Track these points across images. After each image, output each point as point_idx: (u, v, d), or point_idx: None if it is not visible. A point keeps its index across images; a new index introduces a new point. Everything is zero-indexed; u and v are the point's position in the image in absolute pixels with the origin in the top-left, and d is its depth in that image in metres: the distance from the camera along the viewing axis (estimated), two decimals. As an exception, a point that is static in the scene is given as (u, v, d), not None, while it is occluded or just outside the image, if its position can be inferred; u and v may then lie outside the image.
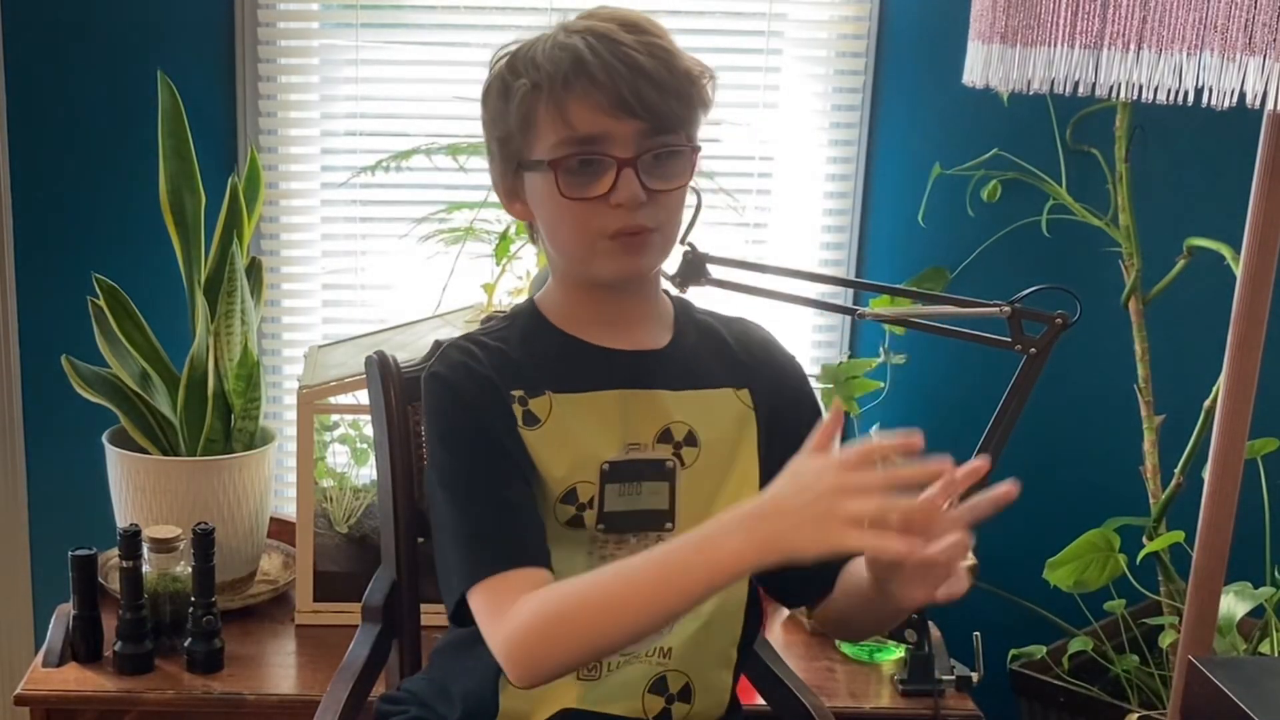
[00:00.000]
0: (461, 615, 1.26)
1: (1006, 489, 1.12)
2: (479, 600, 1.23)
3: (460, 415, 1.31)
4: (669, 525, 1.34)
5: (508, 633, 1.19)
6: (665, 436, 1.34)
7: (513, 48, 1.30)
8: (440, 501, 1.30)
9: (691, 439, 1.35)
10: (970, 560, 1.16)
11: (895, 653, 1.99)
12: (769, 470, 1.35)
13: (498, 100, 1.29)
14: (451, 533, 1.28)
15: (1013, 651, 2.14)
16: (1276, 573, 2.07)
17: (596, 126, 1.24)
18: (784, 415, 1.38)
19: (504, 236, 2.11)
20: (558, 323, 1.37)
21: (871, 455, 1.07)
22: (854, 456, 1.08)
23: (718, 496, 1.35)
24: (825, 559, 1.07)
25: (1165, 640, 2.03)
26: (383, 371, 1.55)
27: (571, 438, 1.32)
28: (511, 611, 1.19)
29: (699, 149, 1.31)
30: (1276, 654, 1.99)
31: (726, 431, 1.36)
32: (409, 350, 1.66)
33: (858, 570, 1.28)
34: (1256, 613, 2.02)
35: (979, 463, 1.13)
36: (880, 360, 2.17)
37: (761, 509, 1.10)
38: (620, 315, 1.36)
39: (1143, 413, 2.15)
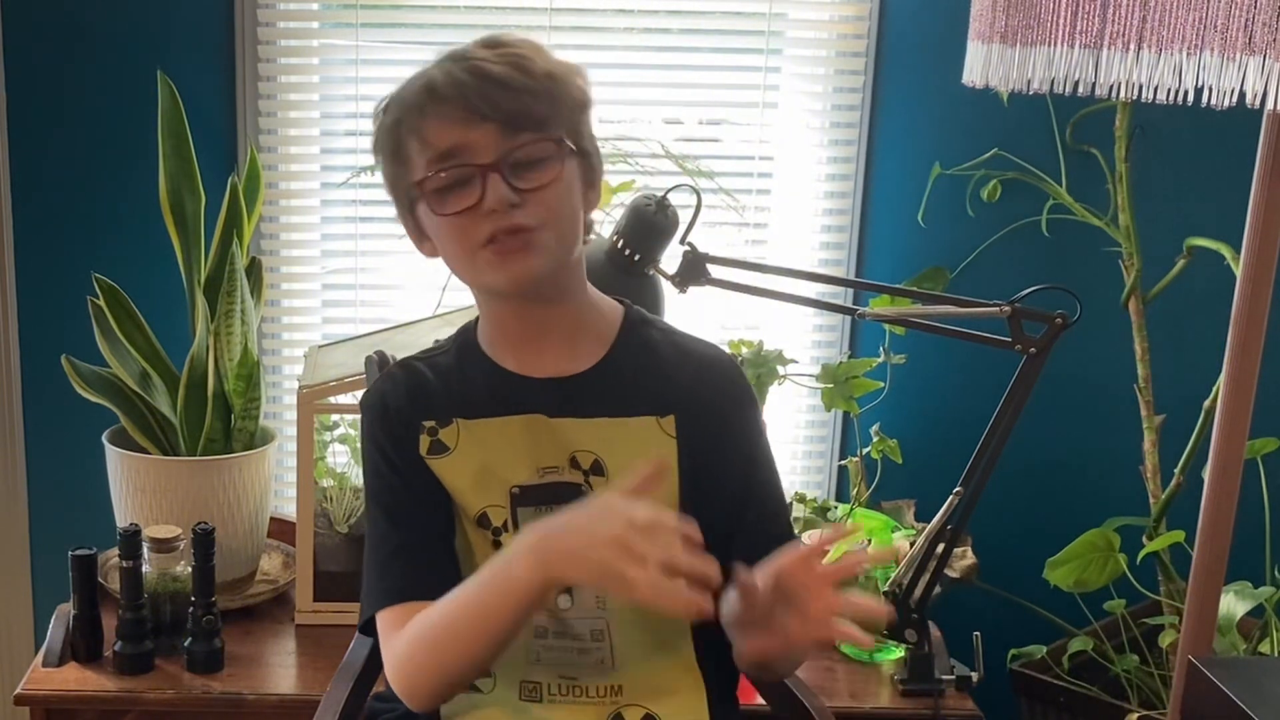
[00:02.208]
0: (367, 628, 1.36)
1: (894, 550, 1.15)
2: (380, 626, 1.32)
3: (375, 450, 1.37)
4: None
5: (391, 661, 1.29)
6: (574, 464, 1.35)
7: (391, 93, 1.31)
8: (368, 522, 1.39)
9: (598, 468, 1.34)
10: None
11: (895, 653, 1.99)
12: (691, 499, 1.34)
13: (377, 145, 1.31)
14: (369, 555, 1.36)
15: (1013, 651, 2.14)
16: (1276, 573, 2.07)
17: (452, 139, 1.24)
18: (711, 448, 1.36)
19: (504, 236, 2.11)
20: (484, 347, 1.38)
21: (659, 527, 1.10)
22: (644, 519, 1.10)
23: None
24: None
25: (1165, 640, 2.03)
26: (382, 371, 1.55)
27: (478, 464, 1.34)
28: (392, 641, 1.29)
29: (568, 145, 1.28)
30: (1276, 654, 1.99)
31: (641, 460, 1.32)
32: (409, 350, 1.66)
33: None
34: (1256, 613, 2.02)
35: (851, 526, 1.17)
36: (880, 360, 2.17)
37: (550, 533, 1.16)
38: (538, 334, 1.35)
39: (1143, 413, 2.15)
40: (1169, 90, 1.26)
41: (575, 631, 1.34)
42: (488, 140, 1.24)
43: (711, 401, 1.37)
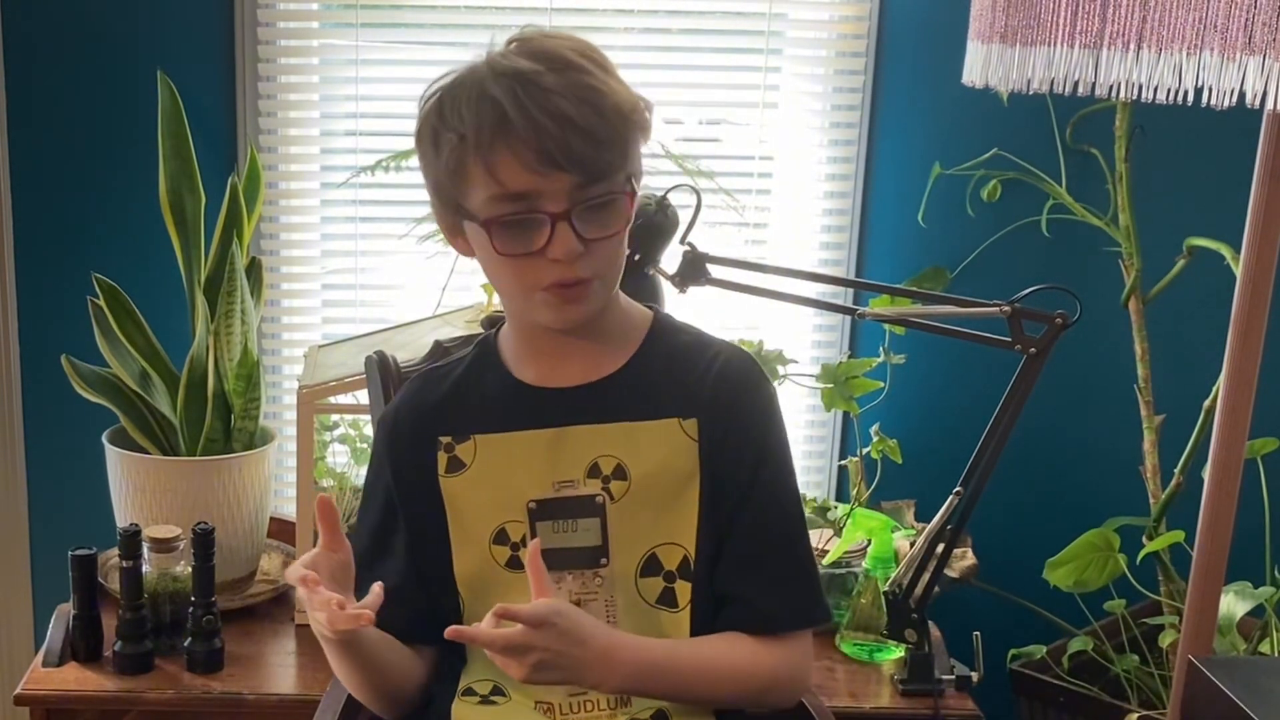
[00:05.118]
0: None
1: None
2: None
3: (381, 477, 1.40)
4: (603, 561, 1.33)
5: None
6: (594, 471, 1.34)
7: (444, 82, 1.27)
8: (355, 526, 1.42)
9: (620, 472, 1.33)
10: None
11: (895, 653, 1.99)
12: (710, 505, 1.34)
13: (429, 147, 1.28)
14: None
15: (1013, 651, 2.14)
16: (1276, 573, 2.07)
17: (526, 184, 1.21)
18: (727, 453, 1.35)
19: (504, 236, 2.11)
20: (506, 358, 1.38)
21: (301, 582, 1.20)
22: (293, 579, 1.21)
23: (655, 529, 1.34)
24: None
25: (1165, 640, 2.03)
26: (382, 371, 1.55)
27: (496, 479, 1.34)
28: None
29: (635, 192, 1.28)
30: (1276, 654, 1.99)
31: (663, 463, 1.33)
32: (409, 350, 1.66)
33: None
34: (1256, 613, 2.02)
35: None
36: (880, 360, 2.17)
37: None
38: (562, 351, 1.35)
39: (1143, 413, 2.15)
40: (1169, 90, 1.26)
41: None
42: (561, 188, 1.22)
43: (730, 402, 1.36)
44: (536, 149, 1.20)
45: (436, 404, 1.38)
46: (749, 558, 1.35)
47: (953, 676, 1.89)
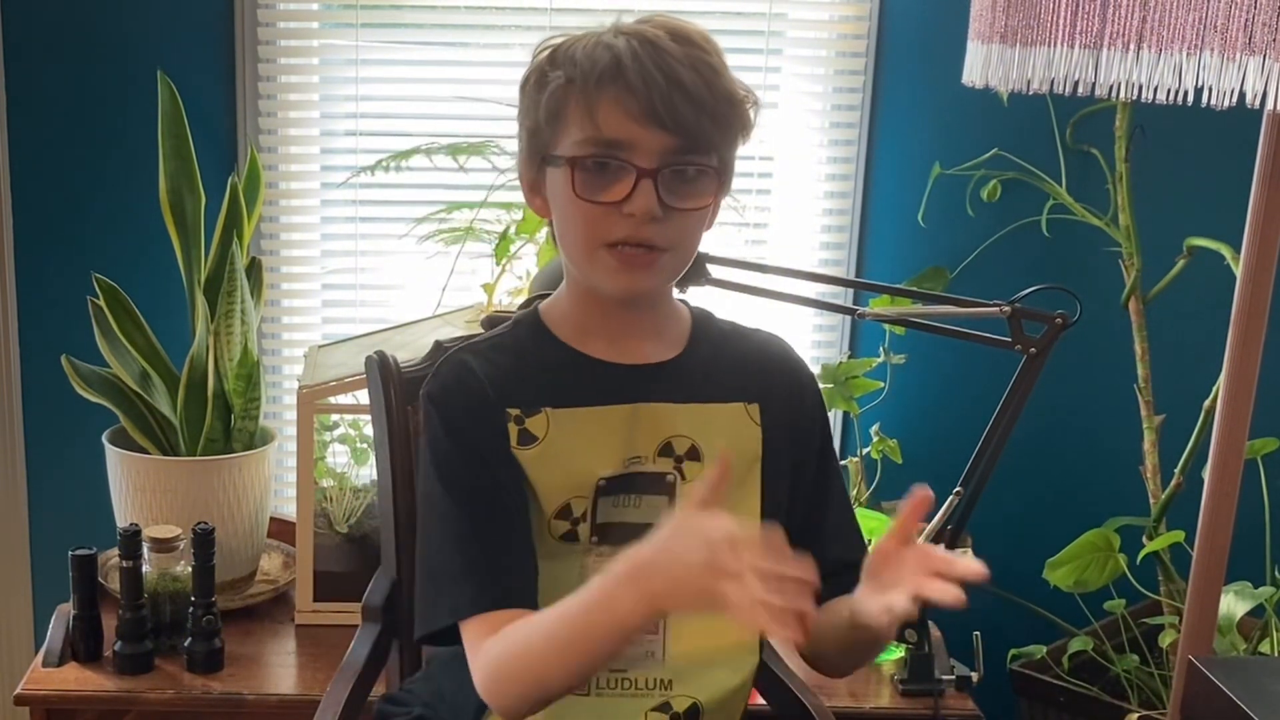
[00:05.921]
0: (433, 636, 1.30)
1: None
2: (467, 634, 1.26)
3: (452, 446, 1.30)
4: None
5: (481, 670, 1.23)
6: (666, 450, 1.32)
7: (559, 40, 1.27)
8: (433, 527, 1.31)
9: (694, 453, 1.33)
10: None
11: (895, 653, 1.99)
12: (770, 490, 1.35)
13: (533, 90, 1.27)
14: (442, 562, 1.29)
15: (1013, 651, 2.14)
16: (1276, 573, 2.07)
17: (623, 132, 1.21)
18: (791, 437, 1.36)
19: (504, 236, 2.11)
20: (561, 333, 1.34)
21: (741, 539, 1.06)
22: (723, 534, 1.06)
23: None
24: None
25: (1165, 640, 2.03)
26: (383, 371, 1.55)
27: (568, 455, 1.31)
28: (484, 647, 1.23)
29: (726, 184, 1.28)
30: (1276, 654, 1.99)
31: (733, 447, 1.32)
32: (409, 350, 1.66)
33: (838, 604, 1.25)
34: (1256, 613, 2.02)
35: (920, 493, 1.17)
36: (880, 360, 2.17)
37: (646, 564, 1.12)
38: (625, 329, 1.33)
39: (1143, 413, 2.15)
40: (1169, 90, 1.26)
41: None
42: (656, 145, 1.21)
43: (789, 391, 1.38)
44: (643, 99, 1.19)
45: (496, 375, 1.32)
46: (845, 525, 1.38)
47: (953, 676, 1.89)
